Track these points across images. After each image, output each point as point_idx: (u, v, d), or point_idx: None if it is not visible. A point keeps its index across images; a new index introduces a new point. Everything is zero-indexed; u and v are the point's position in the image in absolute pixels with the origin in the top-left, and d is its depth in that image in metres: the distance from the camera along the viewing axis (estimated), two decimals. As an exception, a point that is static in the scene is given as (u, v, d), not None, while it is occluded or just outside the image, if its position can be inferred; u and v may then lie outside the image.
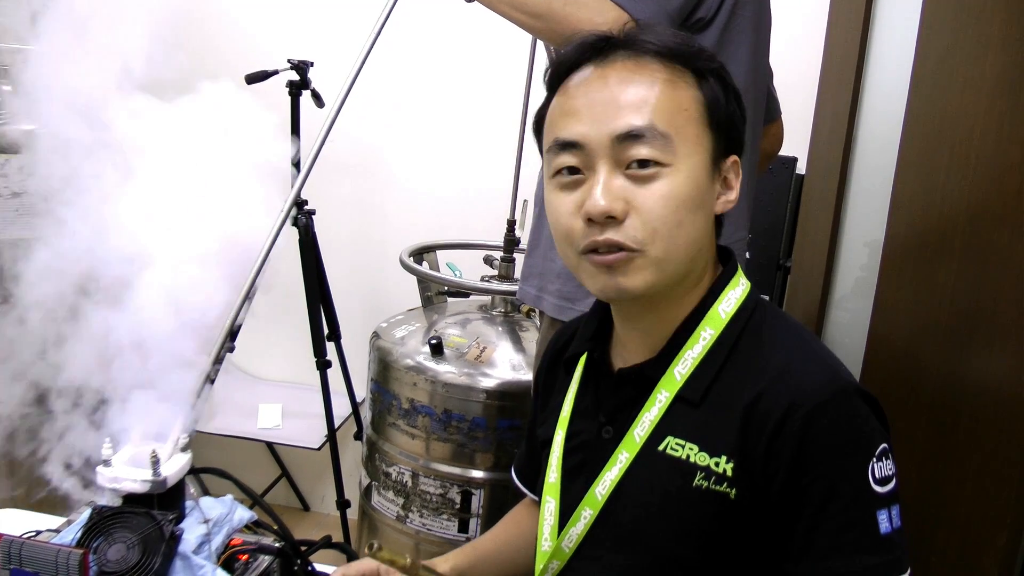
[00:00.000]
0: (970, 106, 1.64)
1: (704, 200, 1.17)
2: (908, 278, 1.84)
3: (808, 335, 1.22)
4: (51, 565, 1.17)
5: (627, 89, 1.15)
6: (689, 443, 1.16)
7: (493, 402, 2.50)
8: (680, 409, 1.19)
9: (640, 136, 1.12)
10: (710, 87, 1.18)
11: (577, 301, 1.79)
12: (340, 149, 3.39)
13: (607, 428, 1.26)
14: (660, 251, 1.14)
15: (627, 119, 1.13)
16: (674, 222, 1.13)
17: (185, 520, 1.40)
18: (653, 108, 1.13)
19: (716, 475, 1.13)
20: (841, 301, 2.30)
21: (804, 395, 1.10)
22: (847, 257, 2.27)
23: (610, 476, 1.22)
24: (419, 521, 2.61)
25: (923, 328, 1.78)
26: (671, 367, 1.21)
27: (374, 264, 3.50)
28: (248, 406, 3.45)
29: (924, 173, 1.79)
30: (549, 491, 1.32)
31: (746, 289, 1.25)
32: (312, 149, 1.53)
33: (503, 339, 2.66)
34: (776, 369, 1.14)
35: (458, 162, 3.36)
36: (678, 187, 1.13)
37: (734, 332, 1.21)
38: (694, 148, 1.15)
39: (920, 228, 1.80)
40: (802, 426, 1.08)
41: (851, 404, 1.11)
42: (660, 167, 1.13)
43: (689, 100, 1.16)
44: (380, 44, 1.79)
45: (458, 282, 2.83)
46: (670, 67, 1.17)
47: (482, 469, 2.55)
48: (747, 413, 1.12)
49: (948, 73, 1.74)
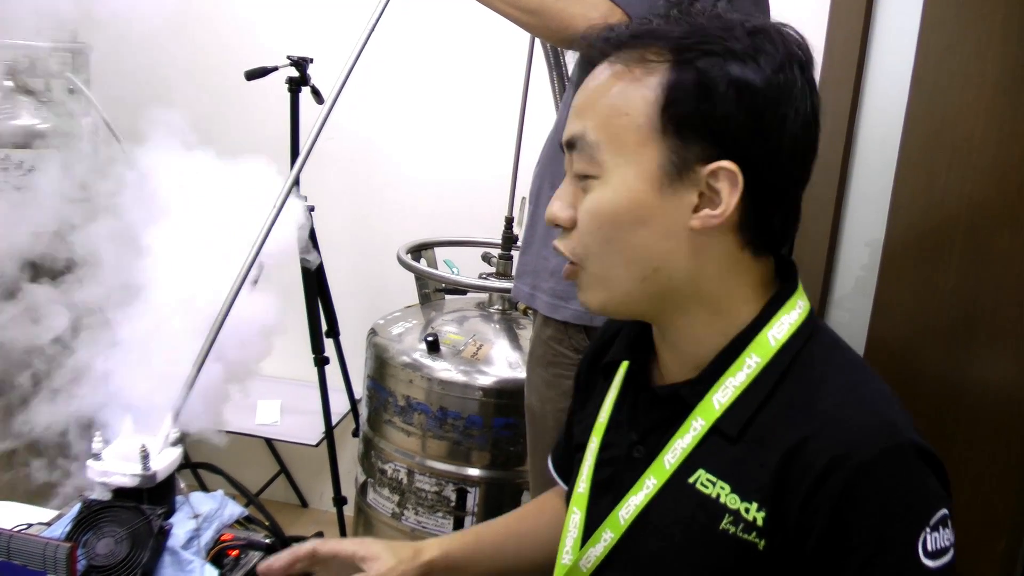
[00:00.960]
0: (971, 105, 1.63)
1: (651, 215, 1.04)
2: (908, 278, 1.83)
3: (867, 375, 1.08)
4: (39, 558, 1.16)
5: (581, 93, 1.09)
6: (721, 481, 1.05)
7: (489, 400, 2.49)
8: (715, 441, 1.08)
9: (572, 145, 1.08)
10: (676, 83, 1.02)
11: (571, 300, 1.78)
12: (339, 146, 3.38)
13: (638, 447, 1.16)
14: (596, 268, 1.08)
15: (569, 127, 1.08)
16: (602, 239, 1.06)
17: (175, 515, 1.39)
18: (592, 114, 1.06)
19: (745, 522, 1.02)
20: (841, 301, 2.29)
21: (851, 448, 0.97)
22: (847, 257, 2.26)
23: (635, 501, 1.13)
24: (414, 519, 2.60)
25: (923, 329, 1.77)
26: (710, 393, 1.09)
27: (373, 261, 3.49)
28: (246, 402, 3.44)
29: (924, 172, 1.79)
30: (576, 502, 1.23)
31: (803, 313, 1.11)
32: (306, 145, 1.52)
33: (500, 337, 2.66)
34: (825, 413, 1.01)
35: (457, 159, 3.35)
36: (603, 201, 1.05)
37: (783, 362, 1.07)
38: (632, 157, 1.03)
39: (920, 228, 1.79)
40: (846, 484, 0.96)
41: (905, 464, 0.98)
42: (590, 179, 1.06)
43: (637, 101, 1.03)
44: (378, 40, 1.78)
45: (455, 279, 2.83)
46: (637, 56, 1.05)
47: (478, 467, 2.54)
48: (787, 458, 1.01)
49: (949, 72, 1.73)
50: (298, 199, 1.46)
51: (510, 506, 2.57)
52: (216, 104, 3.52)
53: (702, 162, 1.02)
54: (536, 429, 1.93)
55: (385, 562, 1.29)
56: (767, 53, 1.03)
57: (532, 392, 1.92)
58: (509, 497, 2.58)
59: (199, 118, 3.43)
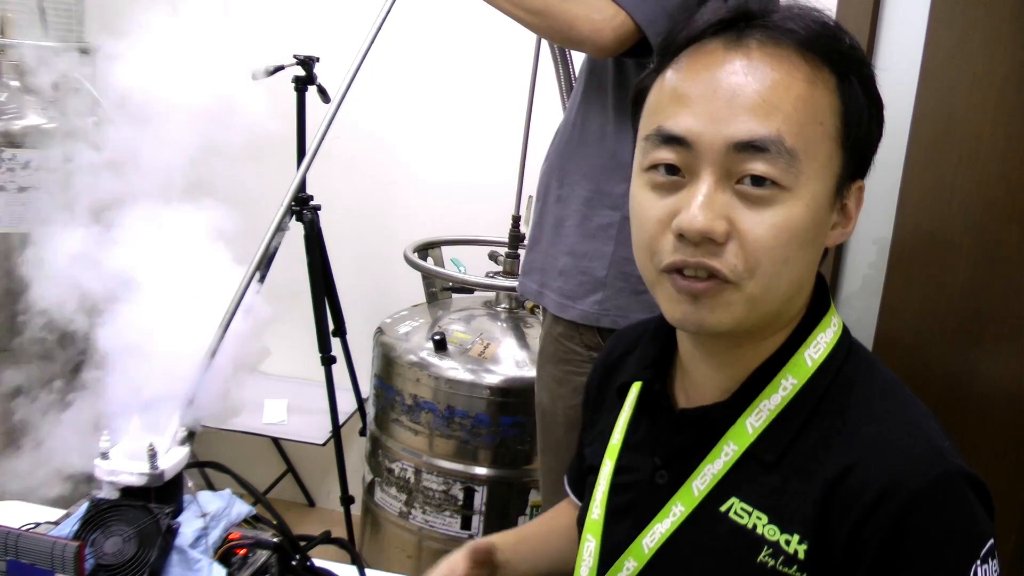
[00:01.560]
0: (979, 102, 1.63)
1: (819, 233, 0.98)
2: (916, 276, 1.83)
3: (908, 397, 1.03)
4: (47, 557, 1.17)
5: (757, 85, 0.94)
6: (757, 511, 1.00)
7: (496, 399, 2.49)
8: (750, 468, 1.02)
9: (762, 149, 0.92)
10: (853, 94, 0.97)
11: (578, 300, 1.78)
12: (346, 145, 3.38)
13: (662, 472, 1.10)
14: (758, 288, 0.95)
15: (750, 124, 0.92)
16: (781, 258, 0.95)
17: (183, 514, 1.39)
18: (785, 116, 0.93)
19: (786, 555, 0.97)
20: (849, 299, 2.28)
21: (904, 477, 0.92)
22: (855, 255, 2.26)
23: (660, 528, 1.07)
24: (421, 518, 2.60)
25: (931, 327, 1.77)
26: (743, 417, 1.03)
27: (380, 260, 3.48)
28: (254, 401, 3.44)
29: (932, 170, 1.78)
30: (591, 529, 1.18)
31: (837, 332, 1.06)
32: (313, 144, 1.52)
33: (507, 335, 2.65)
34: (869, 439, 0.96)
35: (463, 158, 3.35)
36: (794, 218, 0.94)
37: (821, 385, 1.02)
38: (821, 171, 0.95)
39: (928, 226, 1.78)
40: (899, 514, 0.91)
41: (958, 493, 0.93)
42: (778, 189, 0.93)
43: (827, 111, 0.96)
44: (385, 40, 1.78)
45: (462, 278, 2.83)
46: (811, 63, 0.96)
47: (485, 466, 2.54)
48: (830, 487, 0.95)
49: (957, 69, 1.72)
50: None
51: (517, 505, 2.57)
52: (223, 103, 3.52)
53: (851, 180, 1.00)
54: (546, 426, 1.93)
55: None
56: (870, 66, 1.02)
57: (543, 389, 1.92)
58: (516, 496, 2.58)
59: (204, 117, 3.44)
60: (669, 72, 1.01)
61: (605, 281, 1.73)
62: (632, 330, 1.34)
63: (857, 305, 2.24)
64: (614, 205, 1.73)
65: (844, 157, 0.98)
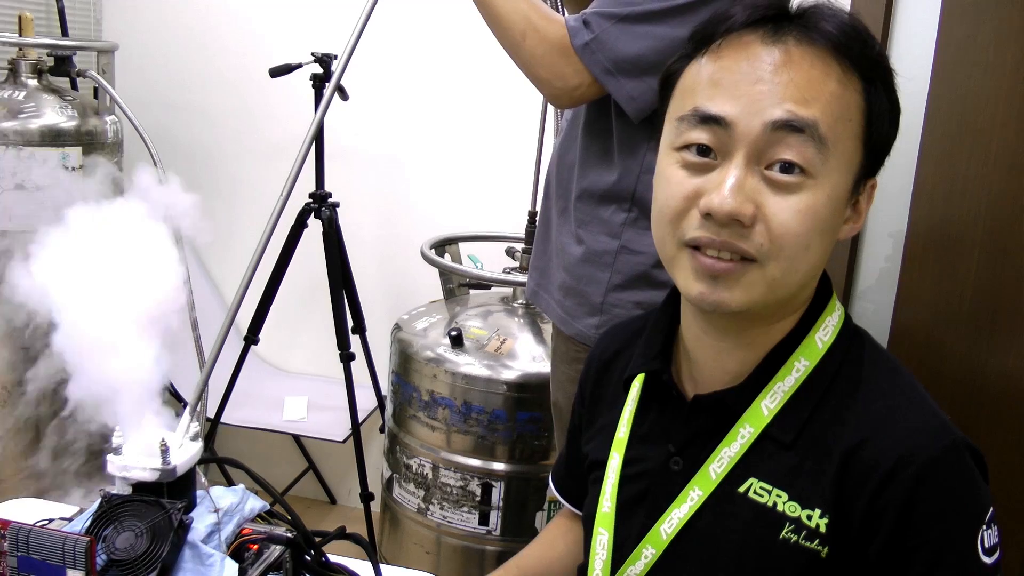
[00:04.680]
0: (991, 93, 1.62)
1: (836, 224, 1.04)
2: (931, 269, 1.82)
3: (909, 376, 1.08)
4: (58, 552, 1.18)
5: (799, 76, 0.98)
6: (777, 489, 1.04)
7: (513, 394, 2.50)
8: (767, 448, 1.06)
9: (799, 131, 0.96)
10: (877, 98, 1.02)
11: (576, 320, 1.76)
12: (364, 143, 3.40)
13: (676, 459, 1.13)
14: (779, 271, 1.00)
15: (791, 107, 0.97)
16: (804, 243, 0.99)
17: (195, 509, 1.39)
18: (823, 107, 0.98)
19: (808, 529, 1.01)
20: (865, 292, 2.27)
21: (915, 447, 0.97)
22: (871, 248, 2.25)
23: (678, 514, 1.10)
24: (440, 514, 2.60)
25: (946, 319, 1.76)
26: (758, 399, 1.07)
27: (398, 257, 3.50)
28: (274, 398, 3.46)
29: (946, 163, 1.77)
30: (602, 522, 1.20)
31: (842, 315, 1.12)
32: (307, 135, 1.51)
33: (524, 331, 2.66)
34: (880, 413, 1.02)
35: (480, 154, 3.35)
36: (818, 205, 0.99)
37: (832, 365, 1.07)
38: (845, 164, 1.01)
39: (942, 218, 1.78)
40: (913, 483, 0.96)
41: (963, 461, 0.99)
42: (804, 177, 0.98)
43: (854, 110, 1.01)
44: (401, 38, 1.78)
45: (479, 274, 2.83)
46: (843, 64, 1.01)
47: (502, 461, 2.55)
48: (846, 461, 1.00)
49: (969, 61, 1.71)
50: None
51: (535, 500, 2.58)
52: (241, 101, 3.54)
53: (865, 178, 1.06)
54: (563, 424, 1.92)
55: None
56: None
57: (557, 388, 1.92)
58: (534, 491, 2.58)
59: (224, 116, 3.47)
60: (705, 59, 1.04)
61: (602, 308, 1.72)
62: (626, 326, 1.37)
63: (874, 299, 2.24)
64: (613, 234, 1.70)
65: (864, 155, 1.03)
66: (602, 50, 1.55)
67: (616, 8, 1.56)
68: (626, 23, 1.55)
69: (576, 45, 1.57)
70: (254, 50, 3.41)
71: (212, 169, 3.62)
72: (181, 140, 3.55)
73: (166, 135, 3.05)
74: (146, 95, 3.38)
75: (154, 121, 2.96)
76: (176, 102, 3.59)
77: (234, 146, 3.61)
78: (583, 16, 1.59)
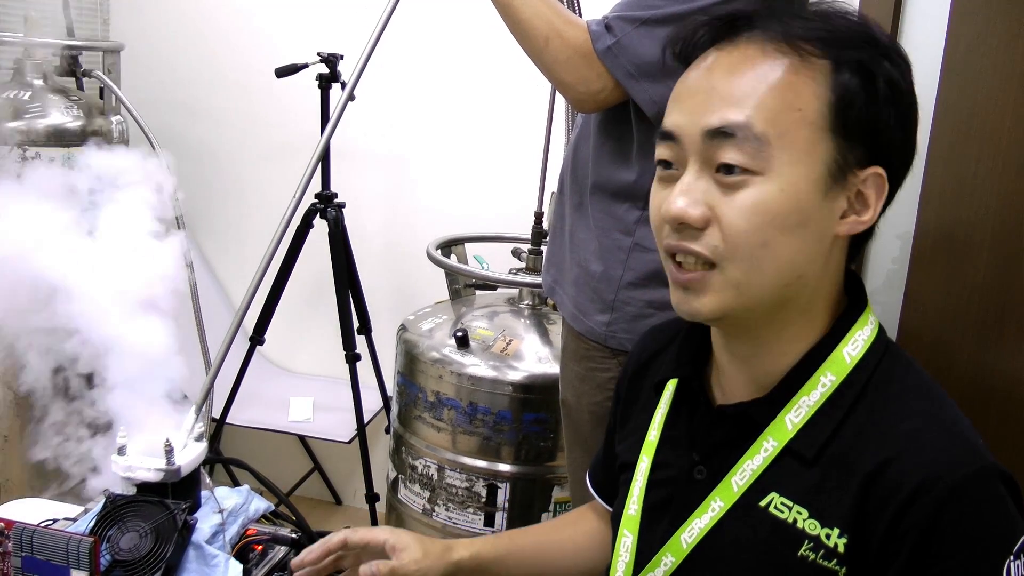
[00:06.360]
0: (1001, 95, 1.61)
1: (809, 218, 0.99)
2: (939, 271, 1.81)
3: (943, 396, 1.04)
4: (62, 553, 1.18)
5: (733, 79, 1.00)
6: (798, 506, 1.02)
7: (519, 395, 2.49)
8: (789, 464, 1.04)
9: (729, 135, 0.97)
10: (845, 82, 0.99)
11: (588, 316, 1.76)
12: (370, 143, 3.40)
13: (700, 468, 1.12)
14: (739, 272, 0.99)
15: (721, 113, 0.98)
16: (758, 241, 0.98)
17: (200, 510, 1.39)
18: (757, 104, 0.97)
19: (826, 549, 0.99)
20: (873, 294, 2.26)
21: (940, 471, 0.94)
22: (879, 250, 2.24)
23: (699, 524, 1.09)
24: (445, 515, 2.60)
25: (953, 322, 1.76)
26: (783, 413, 1.05)
27: (404, 257, 3.49)
28: (279, 399, 3.45)
29: (955, 164, 1.76)
30: (627, 524, 1.19)
31: (874, 329, 1.07)
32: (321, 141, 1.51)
33: (530, 332, 2.65)
34: (906, 434, 0.98)
35: (486, 155, 3.35)
36: (767, 200, 0.97)
37: (859, 381, 1.04)
38: (801, 156, 0.98)
39: (951, 220, 1.77)
40: (935, 508, 0.93)
41: (993, 488, 0.95)
42: (748, 175, 0.97)
43: (808, 98, 0.98)
44: (408, 39, 1.78)
45: (485, 275, 2.83)
46: (801, 53, 0.99)
47: (508, 462, 2.54)
48: (868, 482, 0.97)
49: (979, 62, 1.71)
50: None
51: (541, 502, 2.57)
52: (247, 101, 3.54)
53: (859, 167, 1.01)
54: (572, 424, 1.92)
55: (413, 553, 1.26)
56: (899, 52, 1.03)
57: (567, 387, 1.91)
58: (540, 492, 2.57)
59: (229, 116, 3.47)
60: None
61: (613, 305, 1.72)
62: (666, 327, 1.34)
63: (881, 300, 2.23)
64: (627, 231, 1.70)
65: (836, 143, 0.99)
66: (624, 54, 1.56)
67: (638, 12, 1.56)
68: (648, 26, 1.54)
69: (599, 49, 1.57)
70: (260, 50, 3.41)
71: (217, 169, 3.62)
72: (187, 140, 3.55)
73: (172, 135, 3.04)
74: (152, 95, 3.38)
75: (160, 121, 2.96)
76: (182, 102, 3.59)
77: (239, 146, 3.61)
78: (605, 20, 1.59)
